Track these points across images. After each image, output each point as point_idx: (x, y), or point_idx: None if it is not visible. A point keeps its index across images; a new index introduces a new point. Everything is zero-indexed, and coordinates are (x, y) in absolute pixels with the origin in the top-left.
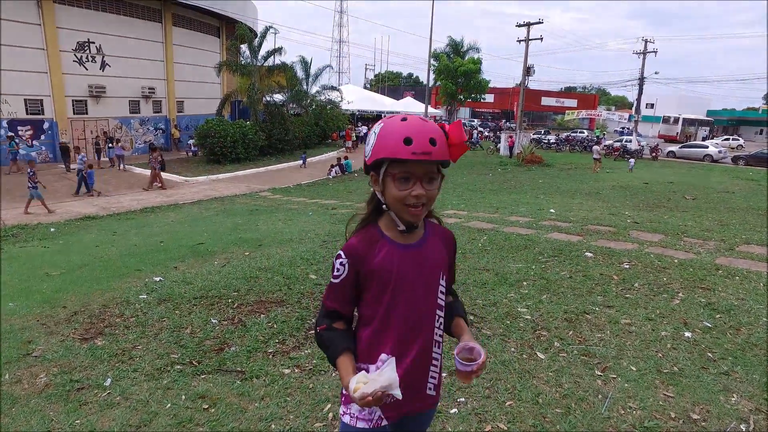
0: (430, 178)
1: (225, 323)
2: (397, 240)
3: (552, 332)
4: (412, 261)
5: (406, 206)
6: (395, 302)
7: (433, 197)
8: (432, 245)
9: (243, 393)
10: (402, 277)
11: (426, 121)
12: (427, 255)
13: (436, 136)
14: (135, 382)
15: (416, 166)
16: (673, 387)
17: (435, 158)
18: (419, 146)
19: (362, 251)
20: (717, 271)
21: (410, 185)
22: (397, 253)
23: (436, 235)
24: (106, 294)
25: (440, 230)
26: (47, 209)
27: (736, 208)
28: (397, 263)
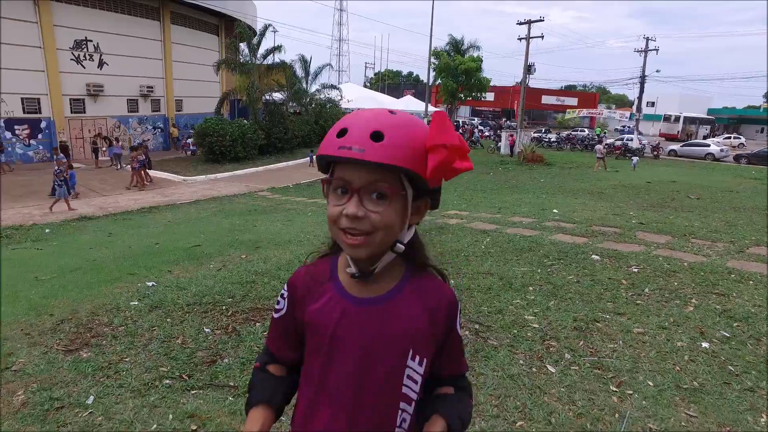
0: (377, 194)
1: (218, 332)
2: (349, 288)
3: (562, 342)
4: (363, 324)
5: (339, 231)
6: (330, 374)
7: (385, 224)
8: (404, 306)
9: (235, 411)
10: (341, 343)
11: (397, 114)
12: (390, 319)
13: (387, 131)
14: (120, 399)
15: (350, 170)
16: (695, 405)
17: (372, 158)
18: (350, 139)
19: (301, 290)
20: (730, 275)
21: (345, 199)
22: (339, 307)
23: (417, 294)
24: (95, 300)
25: (430, 287)
26: (51, 208)
27: (741, 207)
28: (335, 321)
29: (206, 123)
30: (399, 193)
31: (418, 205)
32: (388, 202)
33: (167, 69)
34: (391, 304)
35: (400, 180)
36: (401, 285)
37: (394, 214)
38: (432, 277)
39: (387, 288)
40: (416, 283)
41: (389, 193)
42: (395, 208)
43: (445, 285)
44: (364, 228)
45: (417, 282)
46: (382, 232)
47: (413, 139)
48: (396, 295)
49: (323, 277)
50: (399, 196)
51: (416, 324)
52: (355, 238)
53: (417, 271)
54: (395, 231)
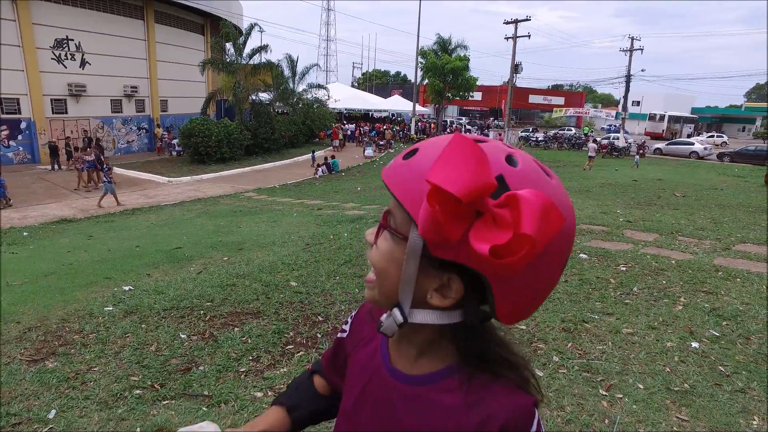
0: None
1: (195, 338)
2: (391, 349)
3: (550, 344)
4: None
5: None
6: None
7: (374, 263)
8: (442, 399)
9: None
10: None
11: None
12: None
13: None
14: (84, 412)
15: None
16: (687, 408)
17: (391, 188)
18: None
19: (360, 323)
20: (717, 273)
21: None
22: (373, 366)
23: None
24: (68, 306)
25: (491, 388)
26: (117, 202)
27: (726, 205)
28: (361, 384)
29: (191, 123)
30: (395, 234)
31: (445, 281)
32: (392, 241)
33: (151, 69)
34: (425, 389)
35: (409, 221)
36: (447, 371)
37: (385, 255)
38: (502, 381)
39: (427, 369)
40: (471, 377)
41: (381, 225)
42: (388, 249)
43: (518, 392)
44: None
45: (472, 377)
46: (376, 276)
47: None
48: (436, 380)
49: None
50: (394, 236)
51: (452, 427)
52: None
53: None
54: (388, 283)
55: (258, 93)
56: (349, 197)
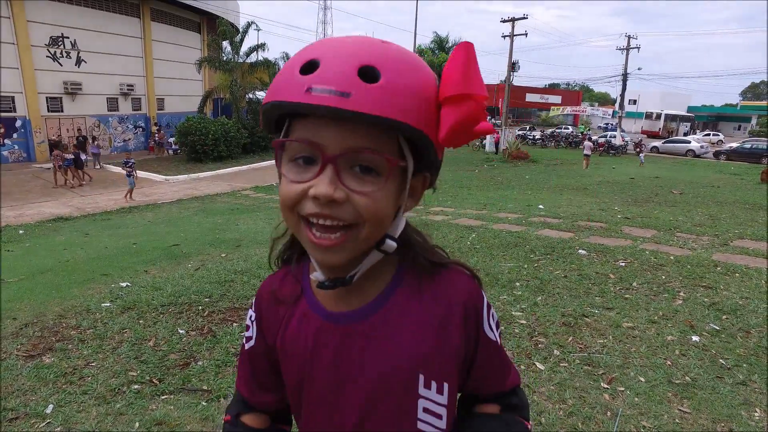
0: (363, 166)
1: (193, 334)
2: (324, 300)
3: (550, 338)
4: (343, 350)
5: (301, 222)
6: (312, 417)
7: (375, 212)
8: (399, 317)
9: (207, 417)
10: (321, 379)
11: (391, 45)
12: (379, 339)
13: (383, 66)
14: (82, 407)
15: (321, 128)
16: (688, 401)
17: (363, 108)
18: (326, 76)
19: (268, 311)
20: (716, 268)
21: (311, 174)
22: (312, 328)
23: (417, 297)
24: (65, 302)
25: (437, 283)
26: (130, 197)
27: (723, 202)
28: (310, 348)
29: (188, 122)
30: (397, 166)
31: (414, 184)
32: (380, 178)
33: (148, 67)
34: (378, 316)
35: (399, 145)
36: (391, 288)
37: (387, 196)
38: (439, 271)
39: (371, 296)
40: (414, 281)
41: (383, 165)
42: (390, 188)
43: (459, 276)
44: (343, 217)
45: (415, 280)
46: (370, 225)
47: (422, 83)
48: (384, 303)
49: (291, 294)
50: (396, 169)
51: (421, 338)
52: (329, 237)
53: (416, 269)
54: (387, 222)
55: (255, 91)
56: None
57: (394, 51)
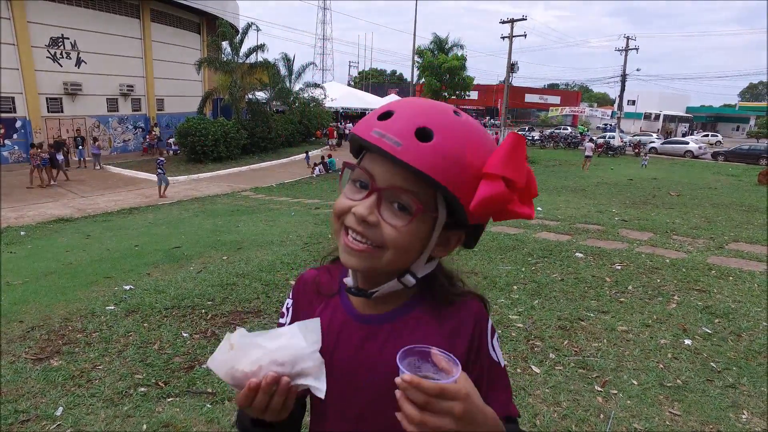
0: (400, 204)
1: (197, 337)
2: (355, 302)
3: (546, 342)
4: (362, 346)
5: (341, 227)
6: (328, 403)
7: (398, 244)
8: (413, 327)
9: (213, 419)
10: (338, 366)
11: (463, 118)
12: (393, 342)
13: (440, 132)
14: (91, 410)
15: (379, 164)
16: (679, 403)
17: (406, 158)
18: (392, 126)
19: (305, 299)
20: (710, 272)
21: (360, 196)
22: (339, 321)
23: (432, 313)
24: (70, 305)
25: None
26: (162, 194)
27: (720, 204)
28: (335, 338)
29: (188, 122)
30: (427, 214)
31: (448, 237)
32: (410, 218)
33: (148, 67)
34: (399, 322)
35: (435, 199)
36: (412, 303)
37: (412, 235)
38: (457, 297)
39: (395, 305)
40: (433, 302)
41: (414, 208)
42: (416, 230)
43: (471, 300)
44: (371, 237)
45: (434, 301)
46: (392, 253)
47: (470, 153)
48: (406, 312)
49: (330, 288)
50: (426, 217)
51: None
52: (358, 243)
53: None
54: (408, 257)
55: (254, 92)
56: None
57: (457, 122)
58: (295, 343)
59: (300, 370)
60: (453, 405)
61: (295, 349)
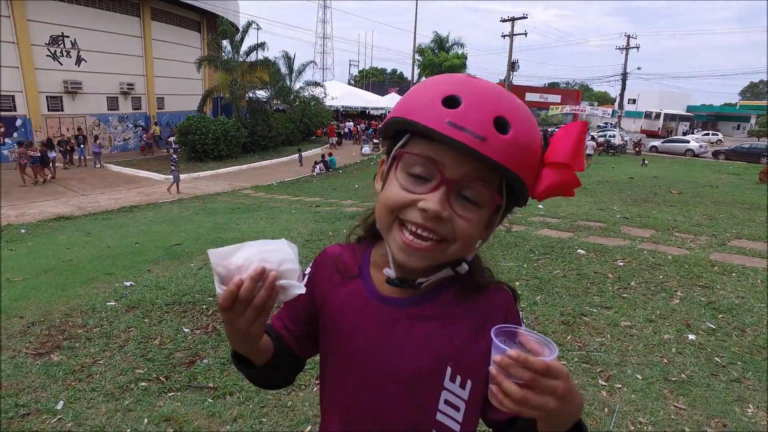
0: (470, 193)
1: (198, 332)
2: (378, 285)
3: (549, 337)
4: (385, 327)
5: (398, 224)
6: (343, 382)
7: (469, 236)
8: (442, 311)
9: (214, 413)
10: (353, 348)
11: (503, 91)
12: (420, 325)
13: (514, 121)
14: (92, 404)
15: (450, 154)
16: (684, 397)
17: (493, 154)
18: (468, 117)
19: (327, 270)
20: (713, 268)
21: (424, 189)
22: (361, 301)
23: (462, 299)
24: (70, 301)
25: (486, 291)
26: (176, 190)
27: (721, 201)
28: (355, 321)
29: (188, 121)
30: (495, 204)
31: (502, 215)
32: (479, 209)
33: (148, 66)
34: (424, 308)
35: (502, 187)
36: (440, 289)
37: (480, 225)
38: (487, 286)
39: (422, 290)
40: (461, 289)
41: (485, 199)
42: (484, 219)
43: (500, 290)
44: (441, 233)
45: (462, 288)
46: (459, 245)
47: (536, 141)
48: (432, 299)
49: (352, 270)
50: (494, 206)
51: (456, 334)
52: (420, 242)
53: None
54: (472, 247)
55: (255, 90)
56: (346, 194)
57: (521, 107)
58: (283, 249)
59: (284, 270)
60: (557, 384)
61: (284, 253)
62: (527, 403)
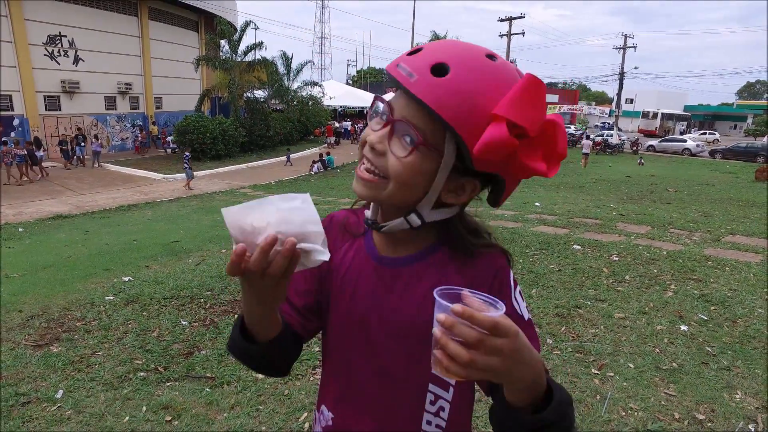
0: (410, 137)
1: (196, 325)
2: (377, 243)
3: (544, 328)
4: (377, 286)
5: (361, 160)
6: (340, 339)
7: (399, 175)
8: (431, 271)
9: (211, 402)
10: (352, 304)
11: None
12: (408, 285)
13: (456, 68)
14: (91, 392)
15: (399, 96)
16: (674, 385)
17: (413, 89)
18: (414, 61)
19: (334, 231)
20: (707, 262)
21: (377, 127)
22: (360, 260)
23: (453, 260)
24: (69, 296)
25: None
26: (188, 187)
27: (717, 199)
28: (355, 279)
29: (186, 120)
30: (432, 150)
31: (462, 183)
32: (414, 151)
33: (146, 66)
34: (416, 267)
35: (443, 138)
36: (432, 248)
37: (414, 169)
38: (478, 248)
39: (416, 249)
40: (452, 251)
41: (418, 142)
42: (419, 165)
43: (494, 253)
44: (379, 167)
45: (453, 250)
46: (393, 185)
47: (486, 94)
48: (425, 257)
49: (357, 228)
50: (432, 154)
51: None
52: (365, 173)
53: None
54: (410, 193)
55: (253, 90)
56: (344, 193)
57: (483, 62)
58: (307, 207)
59: (307, 232)
60: (503, 342)
61: (307, 212)
62: (475, 365)
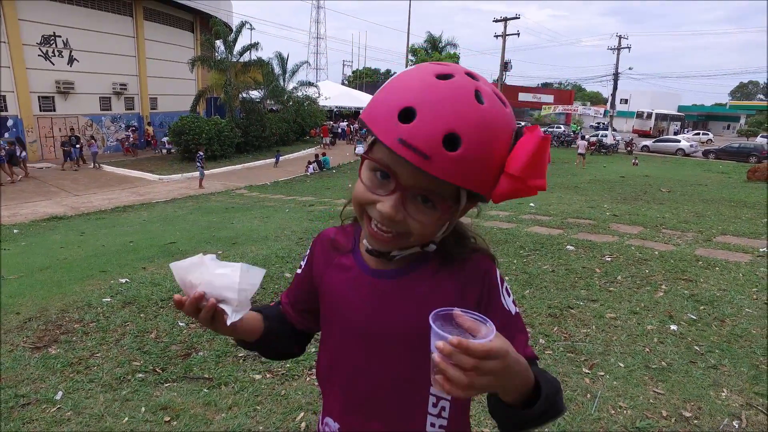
0: (423, 198)
1: (193, 326)
2: (368, 259)
3: (536, 329)
4: (372, 298)
5: (366, 217)
6: (342, 353)
7: (423, 233)
8: (425, 279)
9: (209, 402)
10: (352, 319)
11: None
12: (404, 294)
13: (467, 135)
14: (90, 394)
15: (402, 164)
16: (663, 383)
17: (437, 173)
18: (418, 134)
19: (321, 252)
20: (697, 262)
21: (383, 191)
22: (352, 275)
23: (444, 267)
24: (66, 298)
25: (467, 260)
26: (200, 185)
27: (710, 199)
28: (349, 294)
29: (182, 121)
30: (451, 207)
31: (468, 207)
32: (435, 211)
33: (141, 66)
34: (409, 279)
35: (458, 194)
36: (422, 259)
37: (436, 224)
38: (467, 254)
39: (405, 262)
40: (442, 259)
41: (440, 205)
42: (440, 219)
43: (481, 258)
44: (398, 230)
45: (443, 258)
46: (417, 238)
47: (494, 150)
48: (416, 268)
49: (345, 247)
50: (450, 209)
51: (440, 302)
52: (383, 234)
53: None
54: (431, 235)
55: (248, 91)
56: (340, 194)
57: (483, 118)
58: (231, 275)
59: (225, 297)
60: (496, 364)
61: (229, 280)
62: (473, 388)
